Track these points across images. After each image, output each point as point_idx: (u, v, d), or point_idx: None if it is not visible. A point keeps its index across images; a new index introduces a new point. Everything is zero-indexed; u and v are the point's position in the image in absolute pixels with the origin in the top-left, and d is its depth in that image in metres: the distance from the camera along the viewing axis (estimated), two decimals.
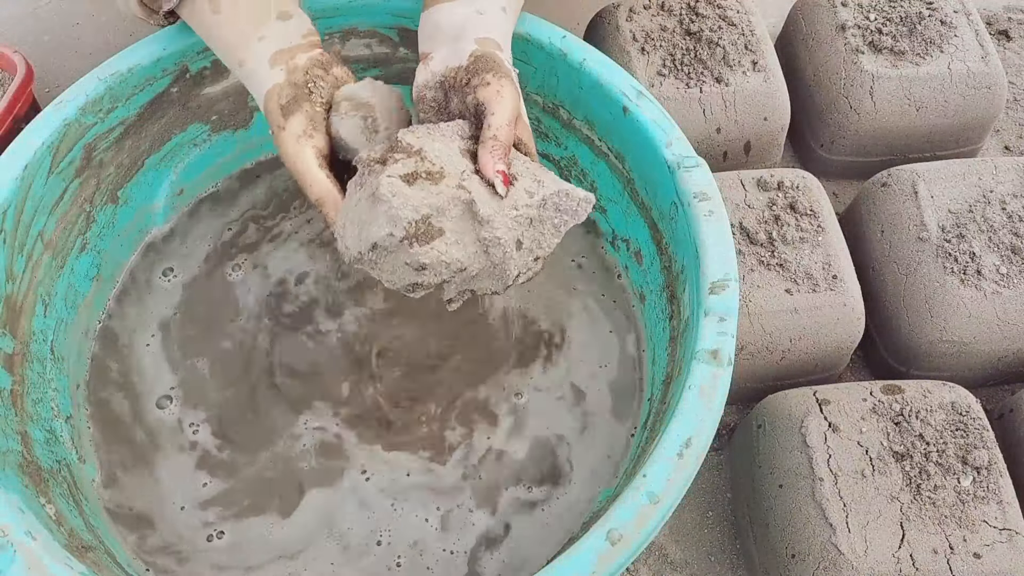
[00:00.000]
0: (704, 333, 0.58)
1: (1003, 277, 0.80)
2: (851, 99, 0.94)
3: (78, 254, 0.72)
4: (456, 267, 0.56)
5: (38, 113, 0.68)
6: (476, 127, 0.60)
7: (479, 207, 0.55)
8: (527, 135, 0.62)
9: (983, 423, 0.72)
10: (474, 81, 0.60)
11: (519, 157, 0.60)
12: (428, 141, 0.57)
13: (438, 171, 0.56)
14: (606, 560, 0.51)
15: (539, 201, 0.57)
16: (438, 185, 0.55)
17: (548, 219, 0.58)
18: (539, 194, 0.57)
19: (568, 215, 0.59)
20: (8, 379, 0.64)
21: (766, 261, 0.80)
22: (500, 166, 0.57)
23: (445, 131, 0.59)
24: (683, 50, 0.92)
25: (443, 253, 0.55)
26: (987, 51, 0.94)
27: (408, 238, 0.54)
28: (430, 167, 0.56)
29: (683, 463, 0.54)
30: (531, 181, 0.58)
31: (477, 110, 0.60)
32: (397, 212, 0.54)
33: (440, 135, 0.59)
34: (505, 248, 0.56)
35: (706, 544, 0.79)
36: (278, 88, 0.62)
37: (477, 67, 0.60)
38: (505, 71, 0.60)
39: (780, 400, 0.76)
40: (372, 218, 0.55)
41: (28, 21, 1.13)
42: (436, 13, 0.64)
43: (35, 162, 0.66)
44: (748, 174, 0.85)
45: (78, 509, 0.64)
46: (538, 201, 0.57)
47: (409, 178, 0.55)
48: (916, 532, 0.67)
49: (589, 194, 0.59)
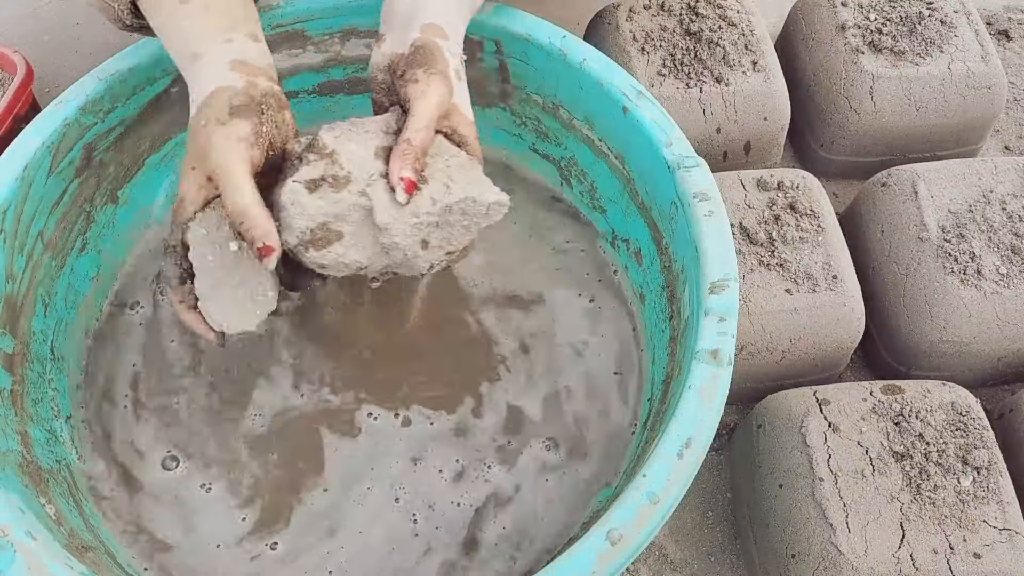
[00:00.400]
0: (704, 333, 0.58)
1: (1003, 277, 0.80)
2: (851, 99, 0.94)
3: (78, 254, 0.72)
4: (356, 267, 0.60)
5: (38, 113, 0.68)
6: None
7: (377, 215, 0.58)
8: (465, 126, 0.62)
9: (983, 423, 0.72)
10: (407, 75, 0.60)
11: (445, 155, 0.60)
12: (344, 142, 0.60)
13: (344, 176, 0.58)
14: (606, 560, 0.51)
15: (442, 208, 0.59)
16: (340, 192, 0.58)
17: (456, 222, 0.60)
18: (443, 201, 0.58)
19: (478, 217, 0.61)
20: (8, 379, 0.64)
21: (766, 261, 0.80)
22: (406, 172, 0.57)
23: (368, 127, 0.61)
24: (683, 50, 0.92)
25: (341, 256, 0.59)
26: (987, 51, 0.94)
27: (303, 244, 0.58)
28: (337, 171, 0.58)
29: (683, 463, 0.54)
30: (440, 186, 0.59)
31: (404, 106, 0.60)
32: (292, 221, 0.58)
33: (360, 133, 0.60)
34: (406, 251, 0.59)
35: (706, 544, 0.79)
36: (234, 91, 0.59)
37: (414, 59, 0.61)
38: (440, 66, 0.60)
39: (780, 400, 0.76)
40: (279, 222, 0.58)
41: (28, 21, 1.13)
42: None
43: (35, 162, 0.66)
44: (748, 174, 0.85)
45: (78, 509, 0.64)
46: (441, 208, 0.59)
47: (312, 184, 0.58)
48: (916, 532, 0.67)
49: (501, 197, 0.60)
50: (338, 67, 0.79)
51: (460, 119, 0.62)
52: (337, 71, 0.80)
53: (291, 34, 0.76)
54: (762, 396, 0.79)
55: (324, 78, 0.80)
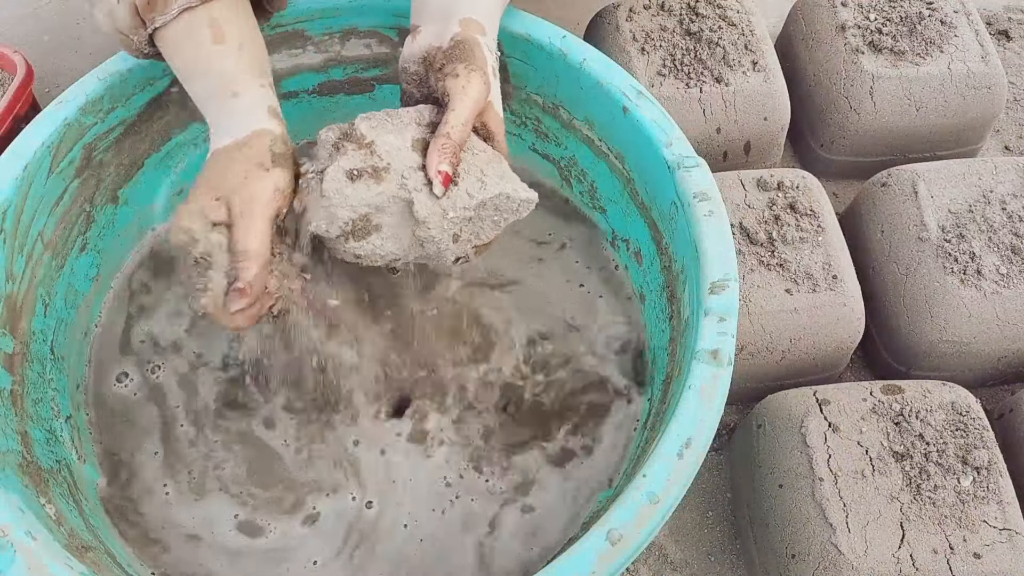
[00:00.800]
0: (704, 333, 0.58)
1: (1003, 277, 0.80)
2: (851, 99, 0.94)
3: (78, 254, 0.72)
4: (390, 258, 0.61)
5: (38, 113, 0.68)
6: (440, 114, 0.61)
7: (417, 208, 0.58)
8: (495, 124, 0.62)
9: (983, 423, 0.72)
10: (446, 68, 0.60)
11: (474, 150, 0.61)
12: (382, 132, 0.59)
13: (384, 167, 0.58)
14: (606, 560, 0.51)
15: (478, 203, 0.59)
16: (380, 184, 0.58)
17: (487, 217, 0.61)
18: (478, 197, 0.59)
19: (508, 214, 0.61)
20: (8, 379, 0.64)
21: (766, 261, 0.80)
22: (444, 167, 0.58)
23: (403, 118, 0.61)
24: (683, 50, 0.92)
25: (378, 247, 0.59)
26: (987, 51, 0.94)
27: (344, 234, 0.59)
28: (376, 162, 0.58)
29: (683, 463, 0.54)
30: (475, 181, 0.59)
31: (442, 99, 0.61)
32: (336, 211, 0.58)
33: (396, 123, 0.60)
34: (439, 244, 0.60)
35: (706, 544, 0.79)
36: (273, 136, 0.60)
37: (454, 53, 0.61)
38: (479, 63, 0.61)
39: (780, 400, 0.76)
40: (314, 210, 0.58)
41: (28, 21, 1.13)
42: None
43: (35, 162, 0.66)
44: (748, 174, 0.85)
45: (78, 509, 0.64)
46: (476, 203, 0.59)
47: (354, 174, 0.58)
48: (916, 532, 0.67)
49: (531, 195, 0.61)
50: (338, 67, 0.79)
51: (492, 116, 0.62)
52: (337, 71, 0.80)
53: (291, 34, 0.76)
54: (762, 396, 0.79)
55: (324, 78, 0.80)
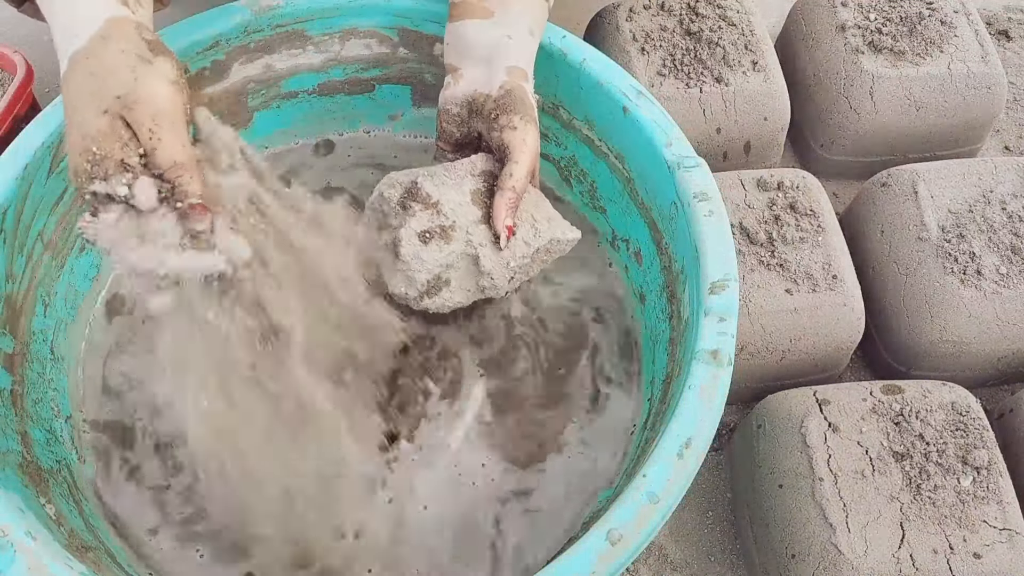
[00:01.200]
0: (704, 333, 0.58)
1: (1003, 277, 0.80)
2: (851, 99, 0.94)
3: (78, 254, 0.72)
4: (455, 306, 0.65)
5: (38, 113, 0.68)
6: (493, 162, 0.65)
7: (483, 262, 0.63)
8: (537, 163, 0.65)
9: (983, 423, 0.72)
10: (502, 120, 0.62)
11: (526, 195, 0.64)
12: (444, 190, 0.63)
13: (450, 225, 0.62)
14: (606, 560, 0.51)
15: (534, 251, 0.64)
16: (450, 244, 0.62)
17: (539, 258, 0.66)
18: (534, 244, 0.64)
19: (556, 253, 0.67)
20: (8, 379, 0.64)
21: (766, 261, 0.80)
22: (509, 221, 0.61)
23: (459, 171, 0.64)
24: (683, 50, 0.92)
25: (447, 300, 0.64)
26: (987, 51, 0.94)
27: (421, 295, 0.63)
28: (443, 222, 0.62)
29: (683, 463, 0.54)
30: (528, 228, 0.64)
31: (500, 150, 0.63)
32: (415, 276, 0.62)
33: (454, 178, 0.64)
34: (499, 289, 0.65)
35: (706, 544, 0.79)
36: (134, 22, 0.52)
37: (506, 104, 0.62)
38: (531, 113, 0.63)
39: (780, 400, 0.76)
40: (391, 273, 0.63)
41: (28, 21, 1.12)
42: (464, 28, 0.65)
43: (35, 162, 0.66)
44: (748, 174, 0.85)
45: (78, 509, 0.64)
46: (533, 251, 0.64)
47: (425, 236, 0.62)
48: (916, 532, 0.67)
49: (575, 234, 0.66)
50: (338, 67, 0.79)
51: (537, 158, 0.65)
52: (337, 71, 0.80)
53: (291, 34, 0.76)
54: (762, 396, 0.79)
55: (324, 78, 0.80)
